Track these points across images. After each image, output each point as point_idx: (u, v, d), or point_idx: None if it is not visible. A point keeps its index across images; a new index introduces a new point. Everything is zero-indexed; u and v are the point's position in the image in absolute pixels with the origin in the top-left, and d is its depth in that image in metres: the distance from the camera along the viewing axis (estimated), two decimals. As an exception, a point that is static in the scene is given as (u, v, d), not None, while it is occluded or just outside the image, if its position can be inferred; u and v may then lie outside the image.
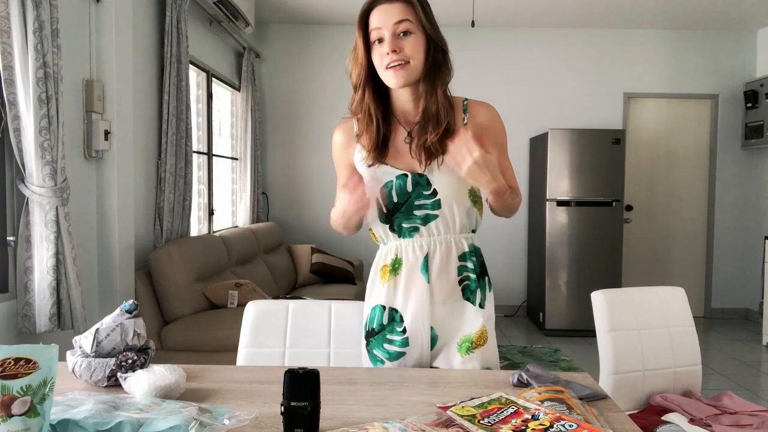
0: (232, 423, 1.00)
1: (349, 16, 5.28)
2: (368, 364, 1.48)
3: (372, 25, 1.37)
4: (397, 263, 1.42)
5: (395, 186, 1.38)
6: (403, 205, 1.39)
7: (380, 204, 1.39)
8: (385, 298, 1.43)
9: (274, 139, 5.66)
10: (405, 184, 1.38)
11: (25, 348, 0.90)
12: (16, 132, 2.16)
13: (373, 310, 1.47)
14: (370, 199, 1.34)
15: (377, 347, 1.46)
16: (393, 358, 1.44)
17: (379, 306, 1.44)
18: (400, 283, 1.41)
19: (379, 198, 1.38)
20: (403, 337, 1.42)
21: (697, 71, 5.61)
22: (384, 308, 1.44)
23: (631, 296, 1.88)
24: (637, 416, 1.71)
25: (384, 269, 1.44)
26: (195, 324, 3.06)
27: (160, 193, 3.39)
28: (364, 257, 5.65)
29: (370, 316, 1.47)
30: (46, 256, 2.26)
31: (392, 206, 1.39)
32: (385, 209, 1.40)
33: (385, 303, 1.43)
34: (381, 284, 1.45)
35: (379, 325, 1.45)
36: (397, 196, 1.38)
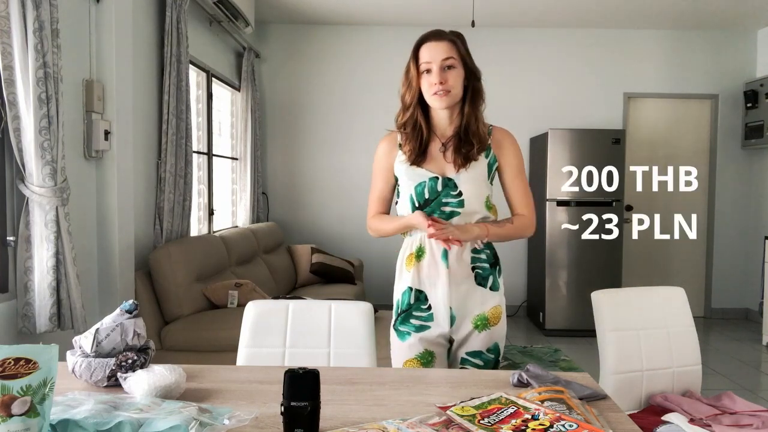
0: (232, 423, 1.00)
1: (349, 16, 5.28)
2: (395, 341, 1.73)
3: (422, 59, 1.66)
4: (420, 251, 1.68)
5: (427, 185, 1.67)
6: (432, 201, 1.66)
7: (413, 199, 1.67)
8: (412, 281, 1.69)
9: (274, 139, 5.66)
10: (436, 184, 1.67)
11: (25, 348, 0.90)
12: (16, 132, 2.16)
13: (404, 293, 1.71)
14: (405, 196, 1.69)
15: (403, 324, 1.71)
16: (417, 330, 1.69)
17: (408, 288, 1.70)
18: (424, 268, 1.68)
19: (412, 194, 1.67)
20: (428, 313, 1.68)
21: (697, 71, 5.61)
22: (411, 289, 1.69)
23: (631, 296, 1.88)
24: (637, 416, 1.71)
25: (410, 257, 1.70)
26: (195, 324, 3.06)
27: (160, 193, 3.39)
28: (364, 257, 5.65)
29: (402, 300, 1.72)
30: (46, 256, 2.26)
31: (423, 201, 1.67)
32: (417, 203, 1.67)
33: (412, 285, 1.69)
34: (407, 270, 1.71)
35: (406, 304, 1.70)
36: (429, 193, 1.66)
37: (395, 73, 6.05)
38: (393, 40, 5.57)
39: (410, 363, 1.69)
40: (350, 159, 5.63)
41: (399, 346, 1.72)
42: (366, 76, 5.60)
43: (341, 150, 5.64)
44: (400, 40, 5.56)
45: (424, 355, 1.68)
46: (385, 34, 5.58)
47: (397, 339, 1.73)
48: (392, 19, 5.37)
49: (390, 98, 5.69)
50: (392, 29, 5.57)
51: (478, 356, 1.70)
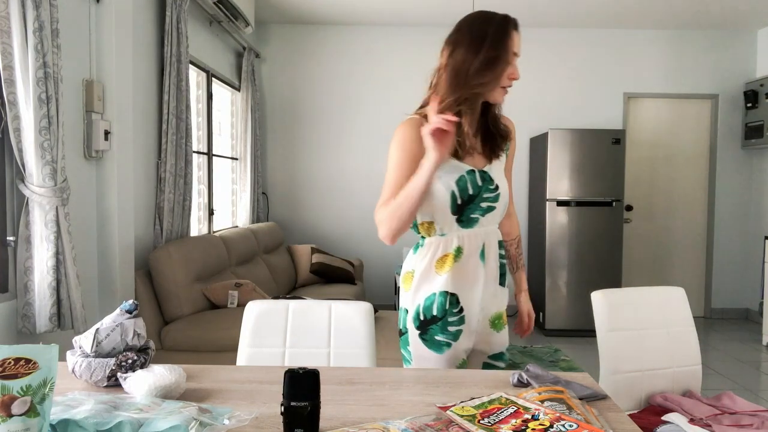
0: (232, 423, 1.00)
1: (349, 16, 5.28)
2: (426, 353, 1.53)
3: (514, 47, 1.50)
4: (459, 251, 1.53)
5: (468, 180, 1.50)
6: (476, 197, 1.51)
7: (455, 195, 1.49)
8: (449, 284, 1.52)
9: (274, 139, 5.66)
10: (475, 178, 1.51)
11: (25, 348, 0.90)
12: (16, 132, 2.16)
13: (429, 299, 1.53)
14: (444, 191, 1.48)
15: (440, 333, 1.53)
16: (456, 338, 1.54)
17: (441, 293, 1.53)
18: (463, 270, 1.53)
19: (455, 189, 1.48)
20: (459, 317, 1.54)
21: (697, 71, 5.61)
22: (446, 294, 1.52)
23: (631, 296, 1.88)
24: (637, 416, 1.71)
25: (444, 259, 1.53)
26: (195, 324, 3.06)
27: (160, 193, 3.39)
28: (364, 257, 5.65)
29: (425, 305, 1.54)
30: (46, 256, 2.26)
31: (467, 197, 1.50)
32: (460, 200, 1.49)
33: (448, 289, 1.52)
34: (439, 273, 1.53)
35: (440, 310, 1.53)
36: (472, 188, 1.51)
37: (395, 72, 6.06)
38: (393, 40, 5.57)
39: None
40: (350, 159, 5.64)
41: (435, 360, 1.53)
42: (366, 75, 5.60)
43: (341, 150, 5.64)
44: (400, 40, 5.57)
45: (462, 364, 1.56)
46: (385, 34, 5.58)
47: (430, 351, 1.53)
48: (392, 19, 5.37)
49: (389, 97, 5.71)
50: (392, 29, 5.57)
51: (500, 358, 1.64)
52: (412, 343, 1.56)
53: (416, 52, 5.56)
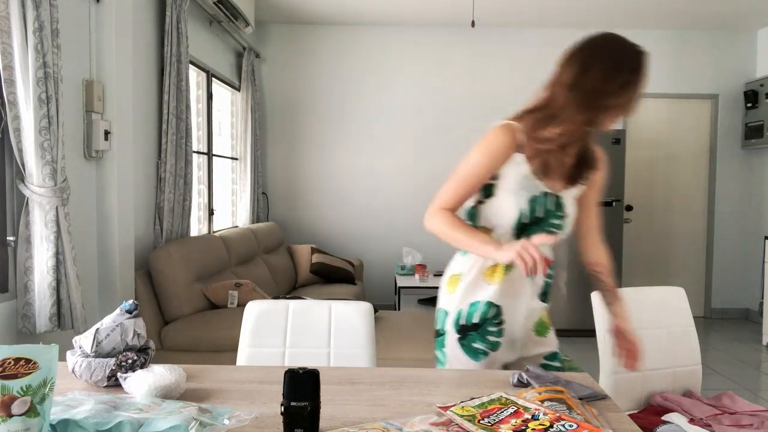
0: (232, 423, 1.00)
1: (349, 16, 5.28)
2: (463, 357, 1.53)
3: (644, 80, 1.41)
4: (510, 265, 1.50)
5: (540, 202, 1.48)
6: (541, 220, 1.49)
7: (523, 215, 1.47)
8: (496, 296, 1.51)
9: (274, 139, 5.66)
10: (547, 202, 1.49)
11: (25, 348, 0.90)
12: (16, 132, 2.16)
13: (474, 306, 1.52)
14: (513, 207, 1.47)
15: (479, 341, 1.52)
16: (495, 347, 1.53)
17: (487, 302, 1.52)
18: (511, 283, 1.52)
19: (524, 209, 1.47)
20: (499, 328, 1.53)
21: (697, 71, 5.61)
22: (492, 304, 1.52)
23: (631, 296, 1.88)
24: (637, 416, 1.71)
25: (495, 268, 1.52)
26: (195, 324, 3.06)
27: (160, 193, 3.39)
28: (364, 257, 5.65)
29: (469, 312, 1.53)
30: (46, 256, 2.26)
31: (532, 219, 1.49)
32: (526, 220, 1.48)
33: (494, 300, 1.51)
34: (488, 282, 1.52)
35: (482, 318, 1.52)
36: (540, 212, 1.49)
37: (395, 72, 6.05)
38: (393, 40, 5.57)
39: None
40: (350, 159, 5.64)
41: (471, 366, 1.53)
42: (366, 75, 5.60)
43: (341, 150, 5.64)
44: (400, 40, 5.57)
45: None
46: (385, 34, 5.58)
47: (466, 357, 1.53)
48: (392, 19, 5.37)
49: (389, 97, 5.71)
50: (392, 29, 5.56)
51: (555, 357, 1.61)
52: (449, 345, 1.55)
53: (416, 52, 5.56)
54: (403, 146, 5.62)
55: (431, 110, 5.58)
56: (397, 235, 5.65)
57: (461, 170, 1.49)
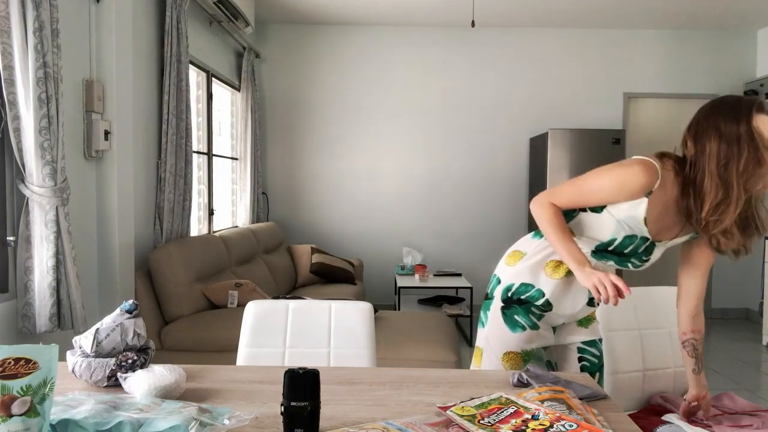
0: (232, 423, 1.00)
1: (349, 16, 5.28)
2: (502, 324, 1.61)
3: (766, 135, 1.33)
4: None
5: (634, 242, 1.51)
6: (623, 254, 1.54)
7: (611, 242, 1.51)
8: (548, 288, 1.58)
9: (274, 139, 5.66)
10: (641, 245, 1.51)
11: (25, 348, 0.90)
12: (16, 132, 2.16)
13: (526, 286, 1.59)
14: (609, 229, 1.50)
15: (521, 314, 1.60)
16: (534, 327, 1.59)
17: (539, 290, 1.58)
18: (568, 285, 1.58)
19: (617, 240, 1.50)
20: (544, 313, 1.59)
21: (697, 71, 5.61)
22: (543, 294, 1.58)
23: (631, 296, 1.88)
24: (637, 416, 1.71)
25: (559, 264, 1.58)
26: (195, 324, 3.06)
27: (160, 193, 3.39)
28: (364, 257, 5.65)
29: (519, 288, 1.60)
30: (46, 256, 2.26)
31: (617, 251, 1.53)
32: (611, 248, 1.52)
33: (547, 293, 1.58)
34: (547, 275, 1.58)
35: (532, 300, 1.59)
36: (629, 249, 1.52)
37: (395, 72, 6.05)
38: (393, 40, 5.57)
39: (513, 355, 1.59)
40: (350, 159, 5.64)
41: (506, 336, 1.59)
42: (366, 76, 5.60)
43: (341, 150, 5.64)
44: (400, 40, 5.57)
45: (528, 353, 1.60)
46: (385, 34, 5.58)
47: (504, 326, 1.60)
48: (392, 19, 5.37)
49: (389, 97, 5.71)
50: (392, 29, 5.57)
51: (593, 345, 1.67)
52: (493, 310, 1.64)
53: (416, 52, 5.56)
54: (403, 146, 5.62)
55: (431, 110, 5.58)
56: (397, 235, 5.65)
57: (587, 184, 1.48)
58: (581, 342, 1.67)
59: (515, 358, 1.60)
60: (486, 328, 1.65)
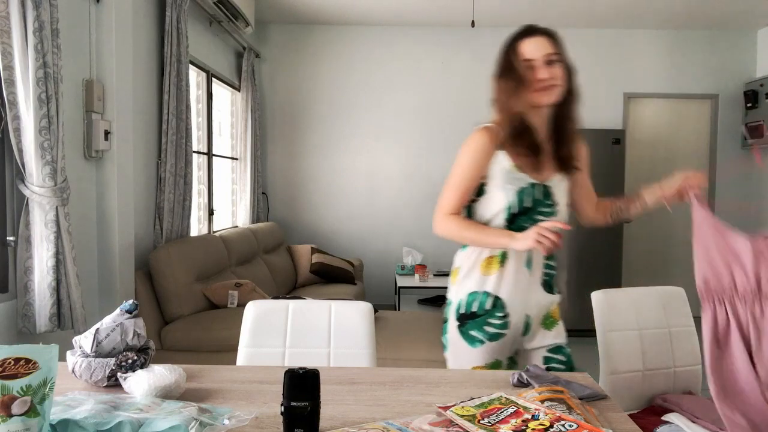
0: (232, 423, 1.00)
1: (349, 16, 5.28)
2: (462, 345, 1.62)
3: (524, 56, 1.55)
4: (504, 256, 1.59)
5: (528, 193, 1.57)
6: (530, 210, 1.58)
7: (511, 206, 1.57)
8: (492, 286, 1.59)
9: (274, 139, 5.66)
10: (535, 192, 1.57)
11: (25, 348, 0.90)
12: (16, 132, 2.16)
13: (473, 295, 1.61)
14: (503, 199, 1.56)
15: (476, 329, 1.60)
16: (493, 338, 1.59)
17: (485, 293, 1.60)
18: (507, 275, 1.59)
19: (513, 200, 1.56)
20: (503, 321, 1.60)
21: (697, 71, 5.61)
22: (489, 295, 1.59)
23: (631, 296, 1.88)
24: (637, 416, 1.71)
25: (490, 260, 1.60)
26: (195, 324, 3.06)
27: (160, 193, 3.39)
28: (364, 257, 5.65)
29: (468, 301, 1.61)
30: (46, 256, 2.26)
31: (521, 209, 1.57)
32: (516, 210, 1.57)
33: (491, 291, 1.59)
34: (484, 274, 1.60)
35: (481, 308, 1.60)
36: (530, 201, 1.57)
37: (395, 72, 6.04)
38: (393, 40, 5.57)
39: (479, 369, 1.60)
40: (350, 159, 5.64)
41: (468, 352, 1.60)
42: (366, 76, 5.60)
43: (341, 150, 5.64)
44: (400, 40, 5.57)
45: (494, 364, 1.61)
46: (385, 34, 5.58)
47: (464, 342, 1.61)
48: (392, 19, 5.37)
49: (389, 98, 5.71)
50: (392, 29, 5.57)
51: (560, 351, 1.65)
52: (450, 332, 1.65)
53: (416, 53, 5.56)
54: (403, 146, 5.62)
55: (431, 110, 5.58)
56: (397, 235, 5.65)
57: (454, 176, 1.60)
58: (547, 351, 1.65)
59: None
60: (449, 350, 1.66)
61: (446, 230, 1.59)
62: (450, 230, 1.58)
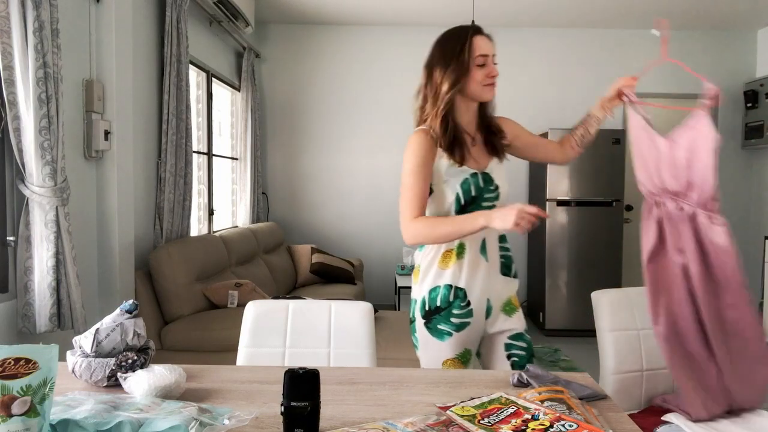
0: (232, 423, 1.00)
1: (349, 16, 5.28)
2: (431, 340, 1.66)
3: (479, 51, 1.64)
4: (461, 248, 1.66)
5: (471, 182, 1.65)
6: (477, 198, 1.66)
7: (459, 197, 1.64)
8: (451, 278, 1.65)
9: (274, 139, 5.66)
10: (478, 180, 1.66)
11: (25, 348, 0.90)
12: (16, 132, 2.16)
13: (434, 291, 1.66)
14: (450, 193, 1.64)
15: (443, 323, 1.65)
16: (460, 329, 1.64)
17: (445, 286, 1.65)
18: (465, 265, 1.65)
19: (459, 193, 1.63)
20: (466, 310, 1.65)
21: (697, 71, 5.58)
22: (451, 287, 1.64)
23: (631, 296, 1.89)
24: (637, 416, 1.71)
25: (447, 254, 1.66)
26: (195, 324, 3.06)
27: (160, 193, 3.39)
28: (364, 257, 5.65)
29: (431, 297, 1.66)
30: (46, 256, 2.26)
31: (469, 198, 1.65)
32: (463, 201, 1.64)
33: (451, 282, 1.65)
34: (442, 268, 1.66)
35: (444, 302, 1.65)
36: (474, 189, 1.65)
37: (395, 72, 6.03)
38: (393, 40, 5.57)
39: (451, 362, 1.65)
40: (350, 159, 5.64)
41: (438, 346, 1.65)
42: (366, 75, 5.60)
43: (341, 150, 5.64)
44: (400, 40, 5.57)
45: (464, 354, 1.66)
46: (385, 34, 5.58)
47: (433, 339, 1.65)
48: (392, 19, 5.37)
49: (389, 98, 5.70)
50: (392, 29, 5.57)
51: (520, 338, 1.72)
52: (419, 330, 1.69)
53: (416, 52, 5.55)
54: (403, 146, 5.61)
55: (431, 110, 5.58)
56: (397, 235, 5.62)
57: (408, 181, 1.63)
58: (507, 338, 1.71)
59: (454, 363, 1.65)
60: (420, 349, 1.69)
61: (417, 234, 1.60)
62: (421, 233, 1.60)
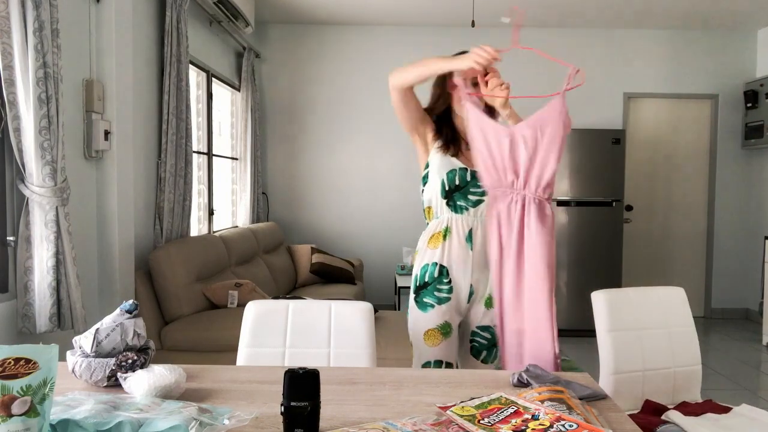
0: (232, 423, 1.00)
1: (349, 16, 5.28)
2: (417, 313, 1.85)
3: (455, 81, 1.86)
4: (447, 232, 1.85)
5: (458, 174, 1.85)
6: (462, 188, 1.84)
7: (444, 183, 1.84)
8: (438, 257, 1.84)
9: (274, 139, 5.66)
10: (465, 174, 1.85)
11: (25, 348, 0.90)
12: (16, 132, 2.16)
13: (424, 267, 1.85)
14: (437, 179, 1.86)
15: (428, 296, 1.84)
16: (441, 302, 1.83)
17: (432, 263, 1.84)
18: (449, 247, 1.84)
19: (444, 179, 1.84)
20: (448, 287, 1.83)
21: (697, 71, 5.61)
22: (436, 264, 1.83)
23: (631, 296, 1.88)
24: (637, 416, 1.71)
25: (436, 236, 1.86)
26: (195, 324, 3.06)
27: (160, 193, 3.39)
28: (364, 257, 5.65)
29: (421, 274, 1.86)
30: (46, 256, 2.26)
31: (454, 186, 1.84)
32: (447, 187, 1.84)
33: (437, 260, 1.84)
34: (431, 248, 1.86)
35: (431, 277, 1.84)
36: (459, 180, 1.84)
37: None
38: (393, 40, 5.57)
39: (432, 332, 1.82)
40: (350, 159, 5.64)
41: (422, 318, 1.84)
42: (366, 76, 5.61)
43: (341, 150, 5.64)
44: (400, 40, 5.57)
45: (444, 326, 1.83)
46: (385, 34, 5.58)
47: (418, 311, 1.85)
48: (392, 19, 5.37)
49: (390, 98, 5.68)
50: (392, 29, 5.57)
51: (487, 330, 1.89)
52: (410, 305, 1.89)
53: (416, 52, 5.56)
54: (403, 146, 5.61)
55: (431, 110, 5.58)
56: (397, 235, 5.65)
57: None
58: (475, 327, 1.89)
59: (434, 334, 1.82)
60: (410, 323, 1.88)
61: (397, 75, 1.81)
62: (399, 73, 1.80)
